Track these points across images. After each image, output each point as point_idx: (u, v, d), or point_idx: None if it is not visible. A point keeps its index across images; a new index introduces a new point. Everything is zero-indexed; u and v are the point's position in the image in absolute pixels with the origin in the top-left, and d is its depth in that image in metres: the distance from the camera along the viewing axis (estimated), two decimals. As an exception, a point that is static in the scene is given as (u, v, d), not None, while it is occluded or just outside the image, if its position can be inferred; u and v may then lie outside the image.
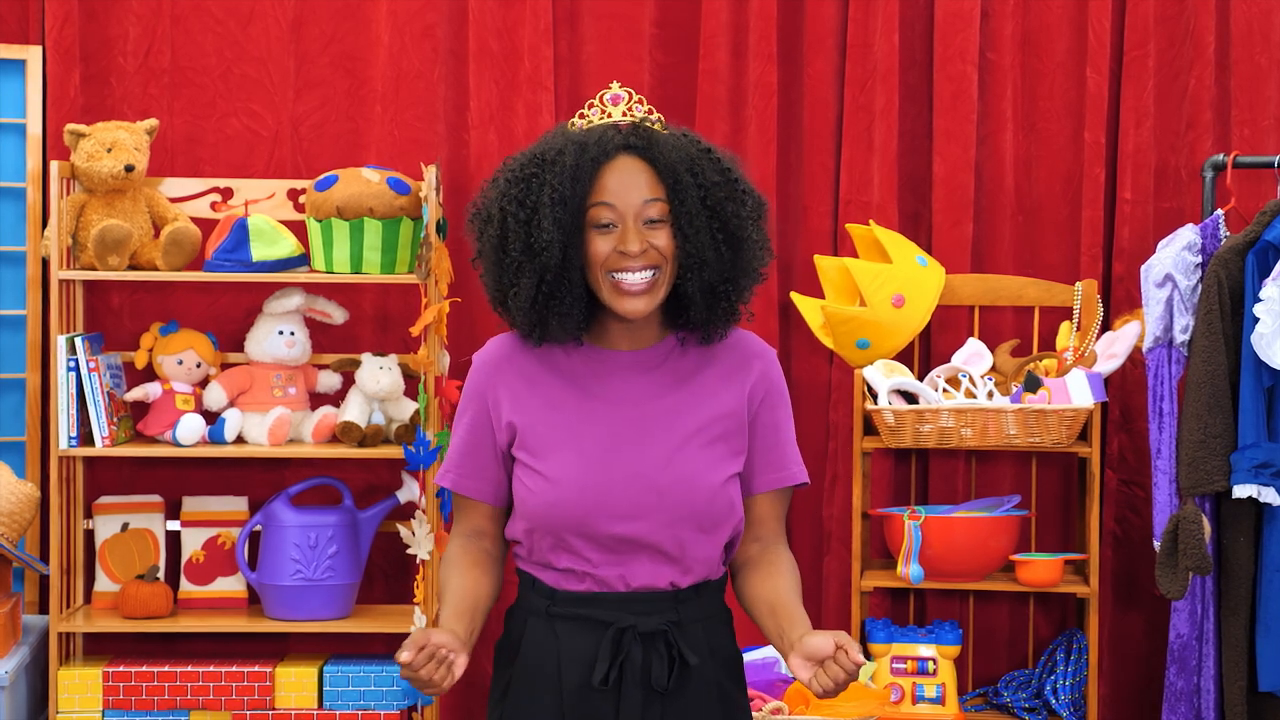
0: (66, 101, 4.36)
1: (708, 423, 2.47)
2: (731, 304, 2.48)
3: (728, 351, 2.53)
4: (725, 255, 2.44)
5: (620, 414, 2.46)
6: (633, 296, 2.42)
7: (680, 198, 2.42)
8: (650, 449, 2.44)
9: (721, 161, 2.47)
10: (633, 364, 2.50)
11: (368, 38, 4.44)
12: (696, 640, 2.48)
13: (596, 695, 2.44)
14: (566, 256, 2.41)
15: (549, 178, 2.41)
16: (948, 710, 4.15)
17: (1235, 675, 3.98)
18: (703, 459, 2.46)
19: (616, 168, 2.42)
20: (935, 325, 4.43)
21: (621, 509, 2.42)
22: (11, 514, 4.06)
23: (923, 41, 4.45)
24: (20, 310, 4.41)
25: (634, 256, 2.40)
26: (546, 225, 2.39)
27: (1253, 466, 3.87)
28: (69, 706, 4.14)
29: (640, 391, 2.48)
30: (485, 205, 2.49)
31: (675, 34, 4.48)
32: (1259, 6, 4.38)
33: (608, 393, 2.48)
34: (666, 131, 2.47)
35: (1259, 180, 4.31)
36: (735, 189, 2.46)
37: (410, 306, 4.38)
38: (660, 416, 2.47)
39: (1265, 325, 3.81)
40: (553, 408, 2.47)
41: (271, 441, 4.20)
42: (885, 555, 4.42)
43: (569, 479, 2.43)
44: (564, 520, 2.43)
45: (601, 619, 2.44)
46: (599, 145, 2.42)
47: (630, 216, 2.41)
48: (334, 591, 4.21)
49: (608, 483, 2.42)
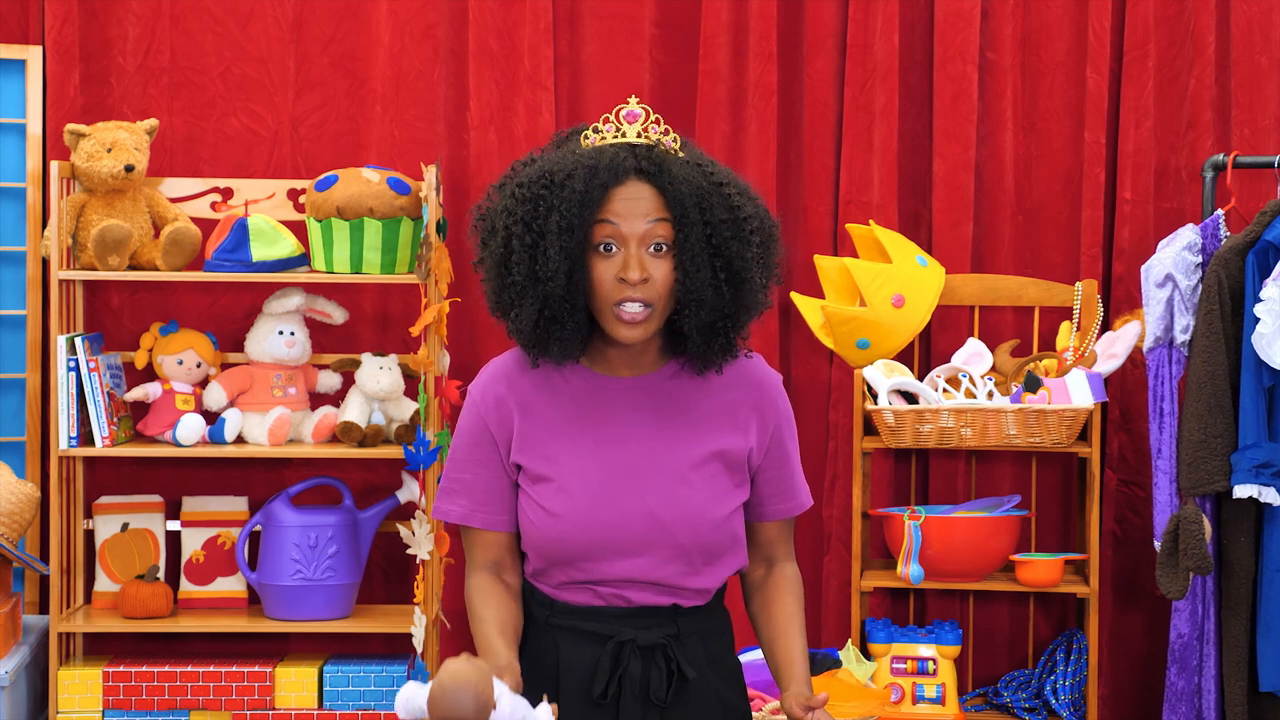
0: (66, 101, 4.36)
1: (712, 455, 2.45)
2: (729, 340, 2.45)
3: (732, 378, 2.50)
4: (725, 295, 2.41)
5: (622, 446, 2.44)
6: (630, 326, 2.38)
7: (685, 233, 2.37)
8: (653, 482, 2.42)
9: (732, 199, 2.41)
10: (633, 389, 2.47)
11: (368, 38, 4.44)
12: (695, 653, 2.47)
13: (595, 707, 2.43)
14: (570, 280, 2.37)
15: (557, 203, 2.36)
16: (948, 710, 4.15)
17: (1236, 675, 3.98)
18: (707, 492, 2.44)
19: (624, 191, 2.37)
20: (935, 325, 4.43)
21: (626, 544, 2.41)
22: (11, 514, 4.06)
23: (923, 41, 4.45)
24: (20, 310, 4.41)
25: (634, 285, 2.35)
26: (553, 254, 2.35)
27: (1253, 466, 3.87)
28: (69, 706, 4.14)
29: (642, 421, 2.45)
30: (490, 215, 2.44)
31: (675, 34, 4.47)
32: (1259, 6, 4.38)
33: (609, 422, 2.45)
34: (681, 156, 2.42)
35: (1259, 180, 4.31)
36: (742, 229, 2.41)
37: (410, 306, 4.38)
38: (663, 448, 2.44)
39: (1265, 325, 3.81)
40: (554, 437, 2.44)
41: (271, 441, 4.20)
42: (885, 555, 4.42)
43: (573, 514, 2.41)
44: (567, 553, 2.42)
45: (601, 632, 2.44)
46: (609, 170, 2.37)
47: (634, 242, 2.36)
48: (334, 591, 4.21)
49: (612, 518, 2.41)
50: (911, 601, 4.47)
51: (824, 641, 4.42)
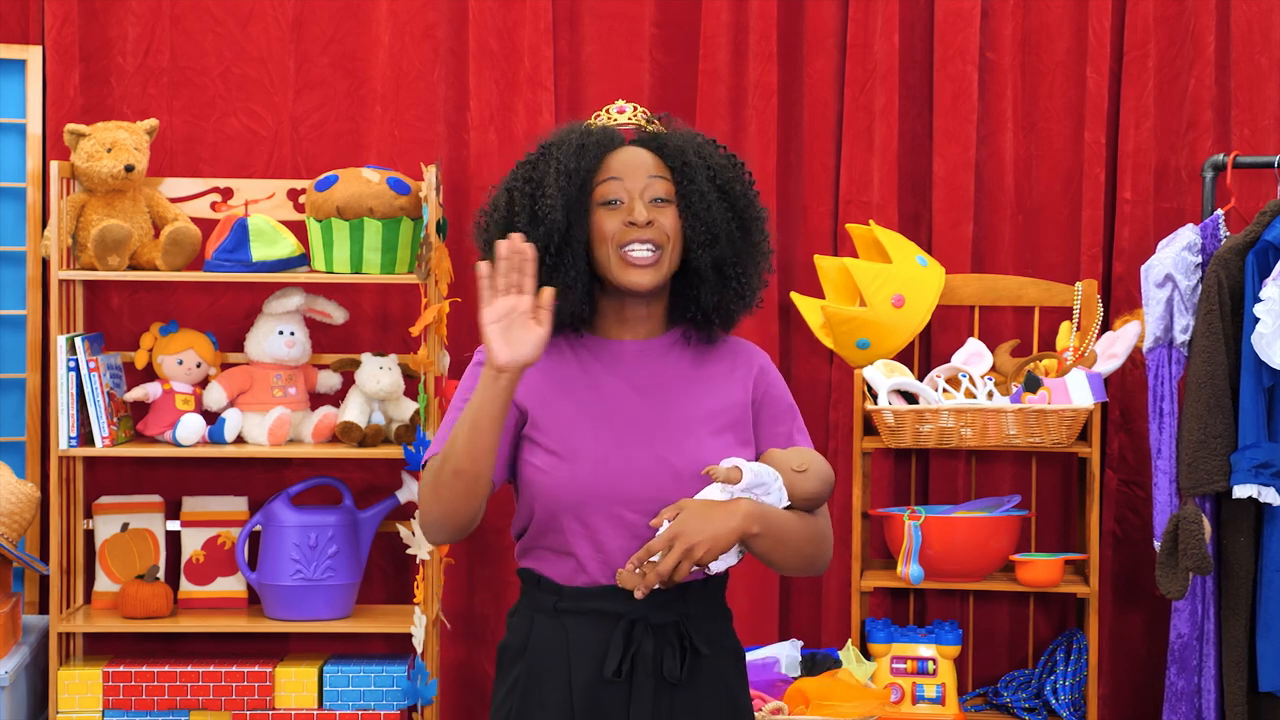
0: (66, 101, 4.36)
1: (715, 412, 2.51)
2: (740, 286, 2.52)
3: (726, 351, 2.58)
4: (735, 233, 2.51)
5: (631, 399, 2.49)
6: (640, 269, 2.46)
7: (689, 176, 2.49)
8: (663, 434, 2.46)
9: (725, 149, 2.58)
10: (639, 353, 2.53)
11: (368, 38, 4.44)
12: (703, 634, 2.49)
13: (607, 689, 2.44)
14: (571, 231, 2.45)
15: (556, 154, 2.48)
16: (948, 710, 4.15)
17: (1236, 675, 3.98)
18: (713, 445, 2.48)
19: (622, 154, 2.51)
20: (935, 325, 4.43)
21: (641, 493, 2.43)
22: (11, 514, 4.06)
23: (923, 41, 4.45)
24: (20, 310, 4.41)
25: (641, 227, 2.45)
26: (551, 193, 2.45)
27: (1253, 466, 3.87)
28: (69, 706, 4.14)
29: (648, 379, 2.51)
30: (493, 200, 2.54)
31: (675, 34, 4.48)
32: (1259, 6, 4.39)
33: (617, 379, 2.50)
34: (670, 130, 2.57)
35: (1259, 180, 4.31)
36: (740, 171, 2.55)
37: (410, 306, 4.38)
38: (670, 403, 2.50)
39: (1265, 325, 3.81)
40: (564, 391, 2.49)
41: (271, 441, 4.20)
42: (885, 555, 4.42)
43: (587, 455, 2.44)
44: (580, 497, 2.43)
45: (612, 611, 2.44)
46: (606, 136, 2.52)
47: (637, 192, 2.47)
48: (334, 591, 4.21)
49: (626, 464, 2.44)
50: (911, 601, 4.47)
51: (824, 641, 4.43)
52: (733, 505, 2.41)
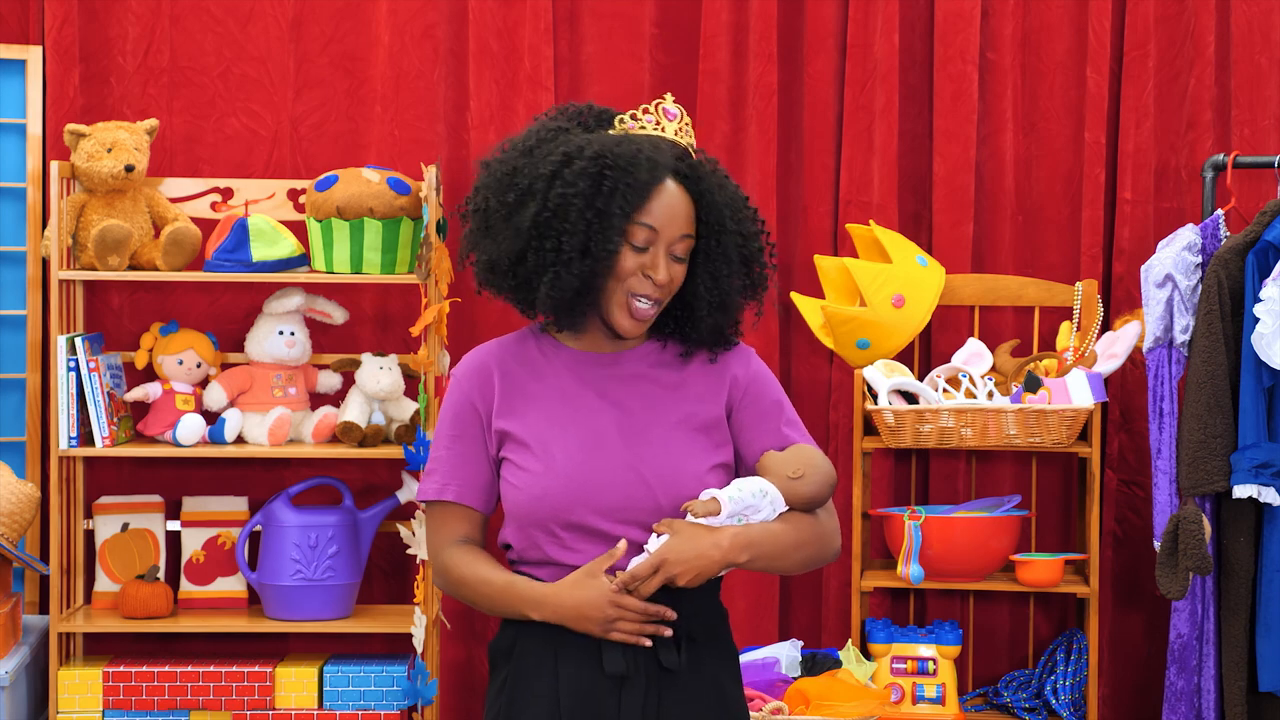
0: (66, 101, 4.36)
1: (689, 415, 2.53)
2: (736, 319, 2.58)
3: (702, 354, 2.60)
4: (744, 302, 2.56)
5: (602, 414, 2.50)
6: (638, 321, 2.48)
7: (720, 241, 2.50)
8: (633, 444, 2.48)
9: (756, 213, 2.58)
10: (611, 364, 2.54)
11: (368, 38, 4.44)
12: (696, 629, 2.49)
13: (596, 687, 2.44)
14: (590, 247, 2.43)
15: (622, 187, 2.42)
16: (948, 710, 4.15)
17: (1235, 675, 3.98)
18: (685, 447, 2.50)
19: (665, 195, 2.46)
20: (935, 325, 4.43)
21: (609, 504, 2.44)
22: (11, 514, 4.06)
23: (923, 41, 4.45)
24: (20, 310, 4.41)
25: (658, 286, 2.46)
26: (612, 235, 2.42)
27: (1253, 466, 3.87)
28: (69, 706, 4.14)
29: (624, 391, 2.52)
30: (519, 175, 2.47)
31: (675, 34, 4.48)
32: (1259, 6, 4.39)
33: (590, 393, 2.52)
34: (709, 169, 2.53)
35: (1259, 180, 4.31)
36: (765, 243, 2.58)
37: (410, 306, 4.38)
38: (644, 413, 2.51)
39: (1265, 325, 3.81)
40: (538, 409, 2.50)
41: (271, 441, 4.20)
42: (885, 555, 4.42)
43: (557, 470, 2.45)
44: (553, 511, 2.45)
45: None
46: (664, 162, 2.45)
47: (664, 246, 2.46)
48: (334, 591, 4.21)
49: (596, 478, 2.45)
50: (911, 601, 4.48)
51: (824, 641, 4.43)
52: (718, 535, 2.42)
